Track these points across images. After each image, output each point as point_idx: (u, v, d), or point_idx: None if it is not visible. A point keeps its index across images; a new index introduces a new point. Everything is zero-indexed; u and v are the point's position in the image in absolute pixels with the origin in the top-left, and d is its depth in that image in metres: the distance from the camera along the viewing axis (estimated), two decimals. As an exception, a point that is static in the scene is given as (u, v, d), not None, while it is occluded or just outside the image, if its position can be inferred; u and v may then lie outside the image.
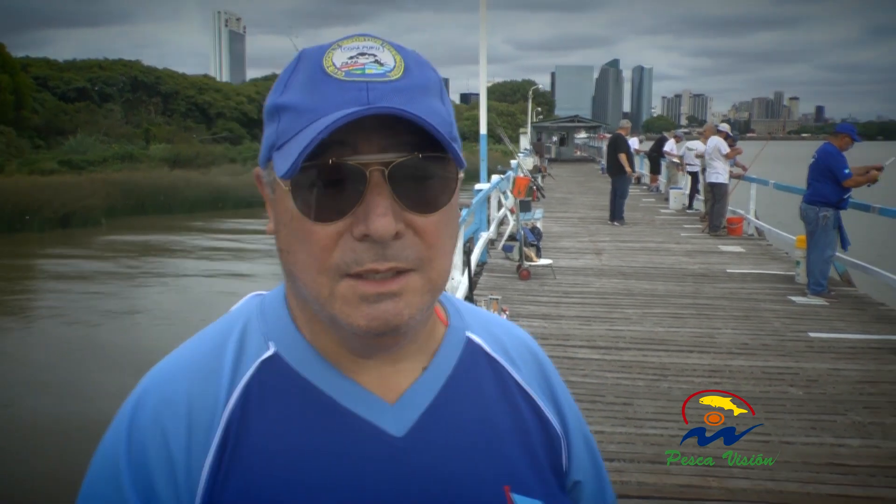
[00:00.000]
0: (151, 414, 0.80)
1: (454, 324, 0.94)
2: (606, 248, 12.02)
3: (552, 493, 0.91)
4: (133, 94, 61.30)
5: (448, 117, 0.80)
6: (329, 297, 0.76)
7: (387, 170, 0.73)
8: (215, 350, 0.85)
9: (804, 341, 6.69)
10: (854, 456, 4.32)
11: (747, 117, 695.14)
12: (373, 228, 0.72)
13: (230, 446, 0.80)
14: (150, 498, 0.77)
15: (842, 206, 8.30)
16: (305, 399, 0.83)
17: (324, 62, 0.76)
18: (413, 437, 0.83)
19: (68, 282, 17.30)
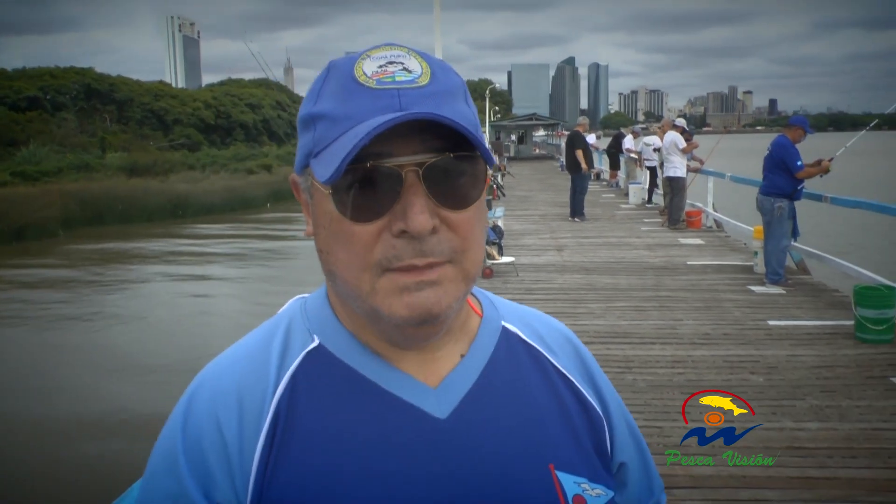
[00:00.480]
0: (205, 405, 0.86)
1: (489, 314, 0.98)
2: (568, 244, 12.15)
3: (597, 471, 0.95)
4: (87, 102, 60.26)
5: (473, 119, 0.85)
6: (371, 292, 0.81)
7: (421, 170, 0.78)
8: (262, 345, 0.91)
9: (763, 329, 6.85)
10: (812, 439, 4.45)
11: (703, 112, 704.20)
12: (411, 225, 0.77)
13: (279, 431, 0.84)
14: (207, 483, 0.82)
15: (796, 197, 8.51)
16: (350, 385, 0.87)
17: (355, 72, 0.81)
18: (456, 418, 0.87)
19: (29, 290, 17.12)
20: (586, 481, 0.92)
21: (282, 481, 0.82)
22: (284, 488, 0.82)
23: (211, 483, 0.82)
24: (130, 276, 18.82)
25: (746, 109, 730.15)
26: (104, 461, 7.41)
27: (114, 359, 11.04)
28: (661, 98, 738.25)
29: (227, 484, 0.82)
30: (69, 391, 9.71)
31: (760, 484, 3.86)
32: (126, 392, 9.44)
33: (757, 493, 3.78)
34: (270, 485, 0.82)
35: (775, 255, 8.61)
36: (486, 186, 0.85)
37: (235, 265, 20.34)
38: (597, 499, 0.92)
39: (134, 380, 9.97)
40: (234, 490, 0.82)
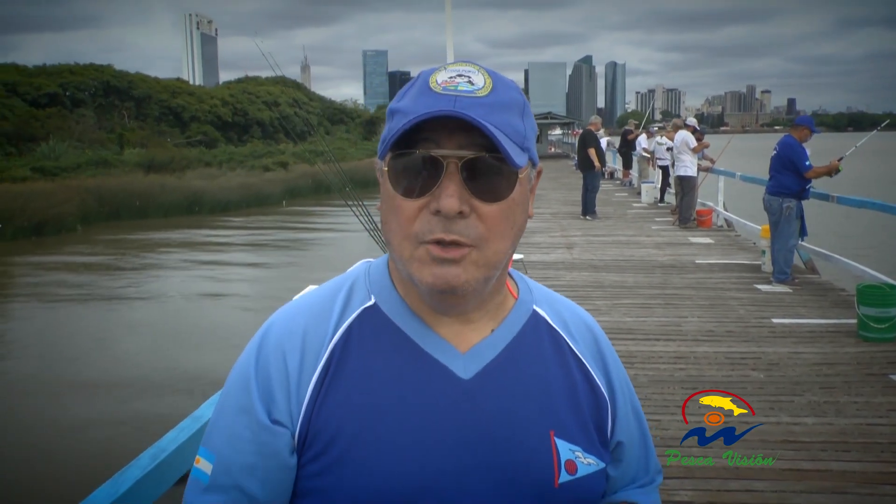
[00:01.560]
0: (275, 340, 1.05)
1: (523, 298, 1.14)
2: (578, 242, 12.23)
3: (593, 444, 1.10)
4: (105, 98, 60.76)
5: (522, 130, 0.99)
6: (409, 258, 0.98)
7: (460, 162, 0.94)
8: (329, 298, 1.10)
9: (767, 327, 6.92)
10: (807, 433, 4.52)
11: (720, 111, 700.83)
12: (442, 205, 0.93)
13: (332, 370, 1.03)
14: (269, 402, 1.01)
15: (804, 197, 8.55)
16: (394, 341, 1.05)
17: (430, 79, 0.98)
18: (478, 380, 1.04)
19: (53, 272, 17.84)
20: (581, 450, 1.08)
21: (327, 411, 1.00)
22: (328, 417, 1.00)
23: (273, 403, 1.01)
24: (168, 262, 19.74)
25: (765, 109, 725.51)
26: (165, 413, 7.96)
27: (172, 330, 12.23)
28: (679, 97, 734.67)
29: (285, 406, 1.01)
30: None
31: (751, 475, 3.93)
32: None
33: (747, 483, 3.86)
34: (318, 413, 1.00)
35: (783, 255, 8.65)
36: (524, 187, 1.01)
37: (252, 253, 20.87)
38: (587, 467, 1.08)
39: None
40: (289, 412, 1.01)
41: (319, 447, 0.99)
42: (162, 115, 62.56)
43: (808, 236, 8.95)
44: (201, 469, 1.04)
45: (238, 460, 1.01)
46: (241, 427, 1.01)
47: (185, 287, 16.31)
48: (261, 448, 1.00)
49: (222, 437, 1.03)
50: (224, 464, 1.01)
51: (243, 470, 1.00)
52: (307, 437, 1.00)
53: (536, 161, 1.05)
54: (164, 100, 63.46)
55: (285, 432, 1.00)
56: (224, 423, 1.04)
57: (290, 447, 1.00)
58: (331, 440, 0.99)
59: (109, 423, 8.43)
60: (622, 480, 1.20)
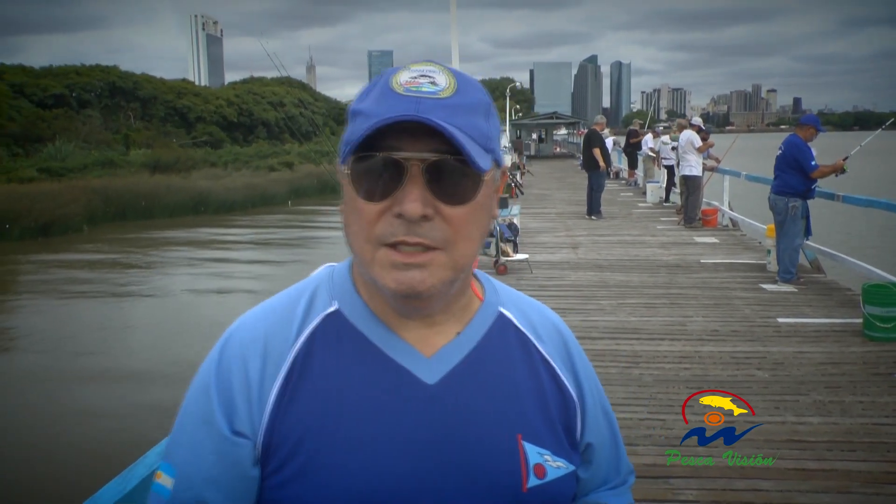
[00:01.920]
0: (237, 347, 1.03)
1: (489, 299, 1.12)
2: (583, 242, 12.23)
3: (561, 446, 1.08)
4: (111, 99, 60.97)
5: (486, 131, 0.98)
6: (371, 261, 0.96)
7: (423, 165, 0.92)
8: (291, 304, 1.07)
9: (772, 327, 6.91)
10: (813, 433, 4.52)
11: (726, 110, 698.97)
12: (405, 209, 0.92)
13: (294, 377, 1.01)
14: (230, 412, 0.99)
15: (809, 196, 8.54)
16: (358, 347, 1.03)
17: (392, 80, 0.96)
18: (443, 385, 1.02)
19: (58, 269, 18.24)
20: (549, 454, 1.06)
21: (289, 421, 0.98)
22: (291, 427, 0.98)
23: (234, 413, 0.99)
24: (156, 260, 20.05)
25: (770, 108, 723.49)
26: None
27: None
28: (684, 96, 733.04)
29: (247, 416, 0.99)
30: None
31: (757, 475, 3.93)
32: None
33: (753, 483, 3.86)
34: (281, 422, 0.98)
35: (788, 254, 8.64)
36: (488, 189, 0.99)
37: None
38: (557, 470, 1.06)
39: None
40: (251, 422, 0.99)
41: (282, 457, 0.98)
42: (167, 115, 62.76)
43: (812, 236, 8.92)
44: (162, 484, 1.01)
45: (200, 473, 0.99)
46: (202, 439, 0.99)
47: (191, 283, 16.86)
48: (223, 460, 0.98)
49: (183, 449, 1.01)
50: (185, 478, 0.99)
51: (205, 483, 0.98)
52: (270, 448, 0.98)
53: (501, 162, 1.03)
54: (169, 100, 63.67)
55: (247, 443, 0.98)
56: (185, 436, 1.01)
57: (253, 458, 0.99)
58: (294, 450, 0.97)
59: (118, 415, 8.70)
60: (593, 482, 1.19)
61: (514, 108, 67.10)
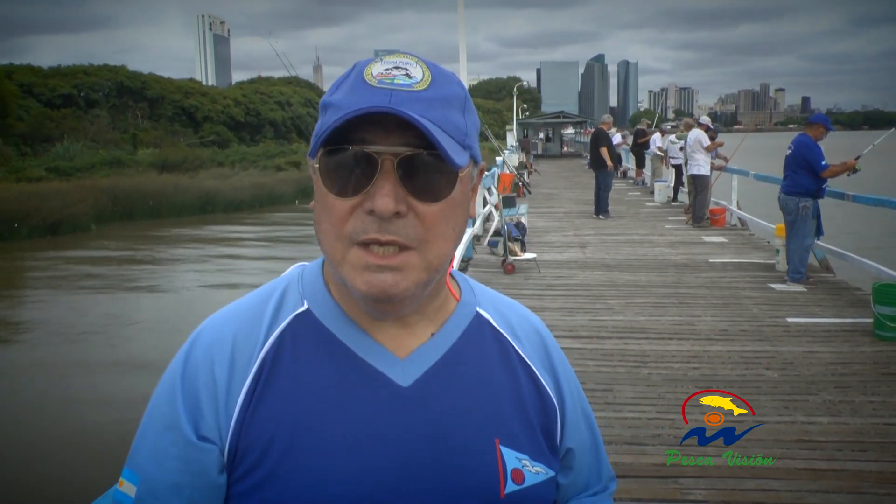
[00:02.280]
0: (204, 348, 0.99)
1: (466, 300, 1.09)
2: (591, 241, 12.20)
3: (540, 451, 1.04)
4: (119, 99, 61.13)
5: (463, 127, 0.94)
6: (342, 261, 0.92)
7: (396, 160, 0.89)
8: (260, 304, 1.04)
9: (782, 326, 6.88)
10: (823, 432, 4.49)
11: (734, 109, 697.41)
12: (377, 205, 0.88)
13: (263, 379, 0.97)
14: (196, 417, 0.95)
15: (820, 196, 8.48)
16: (328, 348, 0.99)
17: (364, 71, 0.93)
18: (417, 388, 0.98)
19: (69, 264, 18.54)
20: (528, 458, 1.02)
21: (258, 424, 0.94)
22: (259, 430, 0.94)
23: (200, 418, 0.95)
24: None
25: (778, 107, 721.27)
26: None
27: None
28: (692, 96, 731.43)
29: (213, 421, 0.95)
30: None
31: (766, 474, 3.91)
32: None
33: (763, 483, 3.84)
34: (249, 426, 0.95)
35: (798, 254, 8.58)
36: (464, 186, 0.96)
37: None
38: (536, 475, 1.02)
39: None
40: (218, 427, 0.95)
41: (250, 462, 0.94)
42: (175, 115, 62.88)
43: (823, 235, 8.86)
44: (124, 492, 0.97)
45: (164, 479, 0.95)
46: (166, 444, 0.95)
47: (200, 279, 17.35)
48: (188, 466, 0.95)
49: (147, 455, 0.97)
50: (149, 485, 0.96)
51: (169, 490, 0.95)
52: (237, 453, 0.95)
53: (479, 159, 1.00)
54: (177, 100, 63.80)
55: (213, 449, 0.95)
56: (149, 441, 0.98)
57: (220, 465, 0.95)
58: (262, 455, 0.94)
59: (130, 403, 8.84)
60: (574, 488, 1.16)
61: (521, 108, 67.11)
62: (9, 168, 35.50)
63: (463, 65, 11.84)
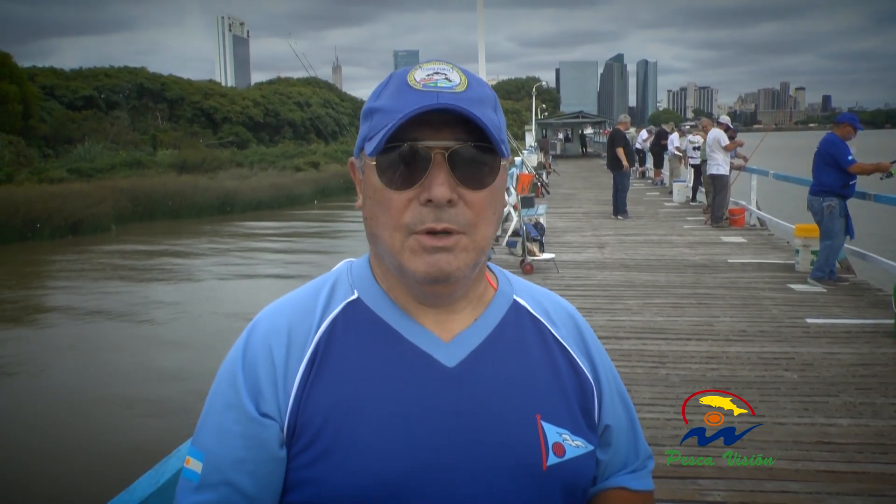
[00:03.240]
0: (262, 336, 1.08)
1: (503, 289, 1.18)
2: (609, 241, 12.17)
3: (579, 426, 1.12)
4: (139, 100, 61.63)
5: (498, 123, 1.05)
6: (400, 249, 1.01)
7: (446, 153, 0.99)
8: (312, 294, 1.13)
9: (801, 327, 6.82)
10: (843, 434, 4.46)
11: (753, 109, 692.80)
12: (433, 194, 0.98)
13: (317, 362, 1.05)
14: (257, 396, 1.04)
15: (846, 194, 8.32)
16: (378, 332, 1.08)
17: (407, 78, 1.02)
18: (462, 368, 1.06)
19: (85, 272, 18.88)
20: (568, 433, 1.09)
21: (314, 403, 1.03)
22: (315, 409, 1.02)
23: (260, 396, 1.04)
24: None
25: (799, 106, 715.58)
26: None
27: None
28: (711, 95, 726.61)
29: (273, 399, 1.03)
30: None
31: (786, 476, 3.89)
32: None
33: (782, 485, 3.81)
34: (305, 405, 1.02)
35: (825, 253, 8.41)
36: (503, 176, 1.06)
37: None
38: (576, 449, 1.09)
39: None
40: (277, 405, 1.03)
41: (308, 438, 1.01)
42: (194, 116, 63.32)
43: (854, 237, 8.66)
44: (191, 469, 1.04)
45: (228, 455, 1.02)
46: (229, 422, 1.03)
47: (219, 271, 18.21)
48: (250, 441, 1.02)
49: (211, 434, 1.04)
50: (214, 461, 1.03)
51: (233, 465, 1.02)
52: (296, 429, 1.02)
53: (507, 153, 1.08)
54: (196, 101, 64.23)
55: (274, 424, 1.02)
56: (213, 421, 1.05)
57: (280, 440, 1.02)
58: (318, 431, 1.01)
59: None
60: (613, 465, 1.22)
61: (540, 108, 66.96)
62: (31, 169, 35.92)
63: (482, 64, 11.83)
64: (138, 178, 34.57)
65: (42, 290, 16.99)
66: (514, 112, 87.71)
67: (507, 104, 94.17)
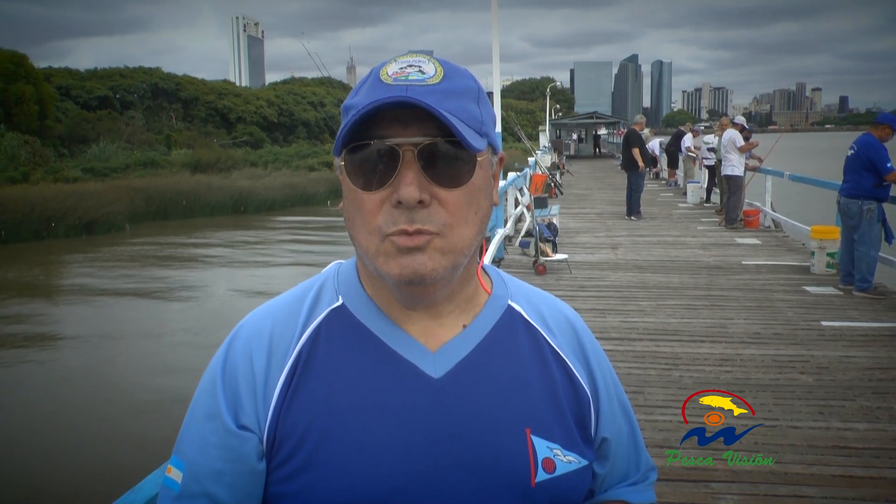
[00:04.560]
0: (243, 342, 1.04)
1: (497, 293, 1.11)
2: (623, 242, 12.11)
3: (573, 440, 1.06)
4: (154, 100, 61.90)
5: (478, 115, 0.98)
6: (375, 253, 0.95)
7: (416, 150, 0.92)
8: (298, 299, 1.08)
9: (816, 330, 6.75)
10: (860, 439, 4.40)
11: (769, 109, 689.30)
12: (402, 194, 0.91)
13: (299, 370, 1.01)
14: (236, 407, 1.00)
15: (882, 197, 8.04)
16: (362, 340, 1.03)
17: (381, 72, 0.97)
18: (449, 379, 1.01)
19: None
20: (560, 448, 1.03)
21: (294, 414, 0.98)
22: (296, 420, 0.98)
23: (240, 408, 1.00)
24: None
25: (815, 107, 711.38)
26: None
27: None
28: (726, 96, 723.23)
29: (252, 410, 0.99)
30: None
31: (801, 481, 3.84)
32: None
33: (797, 489, 3.77)
34: (286, 415, 0.98)
35: (866, 262, 8.06)
36: (484, 172, 0.99)
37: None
38: (567, 465, 1.04)
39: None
40: (256, 416, 0.99)
41: (287, 451, 0.98)
42: (209, 116, 63.51)
43: (894, 240, 8.30)
44: (172, 478, 1.01)
45: (207, 466, 0.99)
46: (208, 433, 1.00)
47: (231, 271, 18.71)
48: (228, 454, 0.99)
49: (192, 443, 1.02)
50: (193, 471, 1.00)
51: (212, 477, 0.99)
52: (275, 441, 0.99)
53: (498, 147, 1.03)
54: (210, 101, 64.42)
55: (253, 437, 0.99)
56: (193, 430, 1.02)
57: (259, 452, 0.99)
58: (298, 443, 0.97)
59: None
60: (612, 478, 1.17)
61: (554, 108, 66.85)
62: (47, 169, 36.08)
63: (496, 65, 11.75)
64: (152, 177, 34.68)
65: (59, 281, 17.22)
66: (528, 112, 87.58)
67: (521, 104, 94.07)
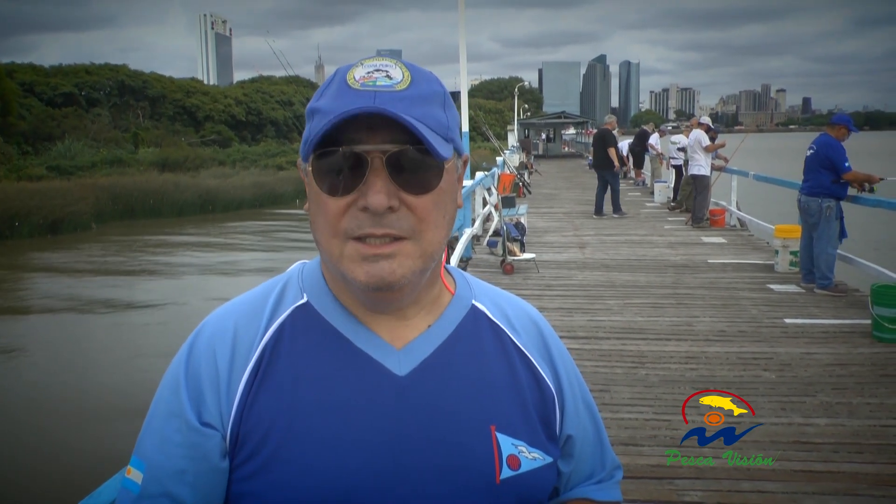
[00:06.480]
0: (206, 340, 1.04)
1: (461, 293, 1.13)
2: (590, 241, 12.20)
3: (538, 438, 1.07)
4: (120, 98, 61.10)
5: (445, 121, 0.98)
6: (339, 256, 0.96)
7: (384, 157, 0.93)
8: (262, 297, 1.08)
9: (780, 327, 6.86)
10: (820, 434, 4.48)
11: (735, 110, 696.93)
12: (370, 202, 0.92)
13: (262, 368, 1.01)
14: (199, 404, 0.99)
15: (840, 195, 8.23)
16: (326, 338, 1.03)
17: (347, 76, 0.96)
18: (414, 377, 1.02)
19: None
20: (524, 445, 1.05)
21: (257, 411, 0.98)
22: (259, 417, 0.98)
23: (202, 405, 0.99)
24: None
25: (779, 108, 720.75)
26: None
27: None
28: (693, 96, 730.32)
29: (215, 408, 0.99)
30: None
31: (763, 476, 3.90)
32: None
33: (759, 485, 3.83)
34: (249, 413, 0.98)
35: (824, 259, 8.23)
36: (450, 177, 1.00)
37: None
38: (532, 462, 1.05)
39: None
40: (220, 414, 0.99)
41: (250, 448, 0.97)
42: (176, 114, 62.84)
43: (847, 238, 8.57)
44: (132, 479, 1.00)
45: (168, 466, 0.98)
46: (170, 431, 0.99)
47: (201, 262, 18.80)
48: (191, 452, 0.98)
49: (152, 443, 1.00)
50: (154, 471, 0.98)
51: (173, 476, 0.98)
52: (238, 439, 0.98)
53: (462, 151, 1.04)
54: (178, 99, 63.75)
55: (215, 434, 0.98)
56: (154, 429, 1.01)
57: (222, 450, 0.98)
58: (262, 440, 0.97)
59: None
60: (577, 476, 1.18)
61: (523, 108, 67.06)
62: (10, 167, 35.49)
63: (463, 64, 11.76)
64: (119, 175, 34.18)
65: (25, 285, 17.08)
66: (496, 112, 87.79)
67: (490, 104, 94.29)
